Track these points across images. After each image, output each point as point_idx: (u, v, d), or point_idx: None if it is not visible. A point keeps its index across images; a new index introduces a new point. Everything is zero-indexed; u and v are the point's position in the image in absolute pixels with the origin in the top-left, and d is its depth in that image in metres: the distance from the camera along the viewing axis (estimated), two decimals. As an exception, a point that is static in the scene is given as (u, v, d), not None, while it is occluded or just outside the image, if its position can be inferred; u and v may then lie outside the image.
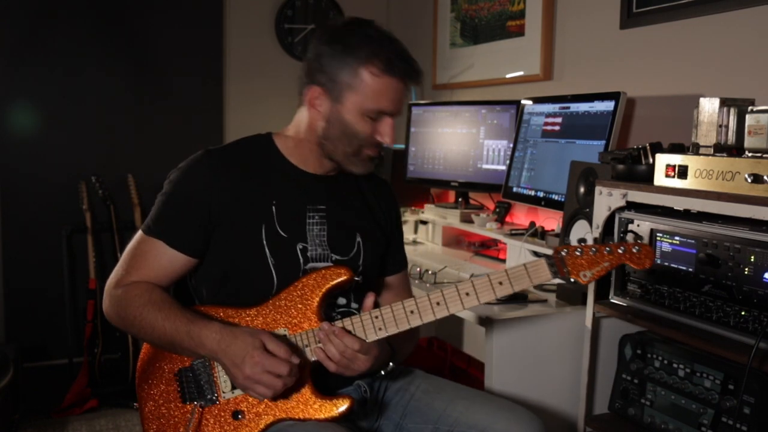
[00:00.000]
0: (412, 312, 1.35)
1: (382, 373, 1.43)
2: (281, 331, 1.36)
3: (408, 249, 1.86)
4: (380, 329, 1.35)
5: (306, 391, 1.34)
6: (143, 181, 3.36)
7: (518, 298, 1.92)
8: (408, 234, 3.02)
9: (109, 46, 3.38)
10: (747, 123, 1.39)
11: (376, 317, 1.35)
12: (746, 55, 1.89)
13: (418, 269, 2.23)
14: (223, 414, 1.36)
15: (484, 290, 1.35)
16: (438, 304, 1.34)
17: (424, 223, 3.01)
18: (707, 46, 2.00)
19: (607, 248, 1.35)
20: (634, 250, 1.35)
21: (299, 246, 1.44)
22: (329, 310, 1.45)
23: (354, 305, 1.50)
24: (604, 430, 1.69)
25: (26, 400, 2.92)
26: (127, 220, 3.34)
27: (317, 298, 1.37)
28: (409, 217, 3.08)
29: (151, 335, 1.36)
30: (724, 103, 1.45)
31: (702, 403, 1.47)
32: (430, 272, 2.19)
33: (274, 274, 1.41)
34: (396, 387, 1.54)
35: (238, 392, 1.35)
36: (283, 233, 1.43)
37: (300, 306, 1.37)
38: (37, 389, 3.12)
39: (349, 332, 1.34)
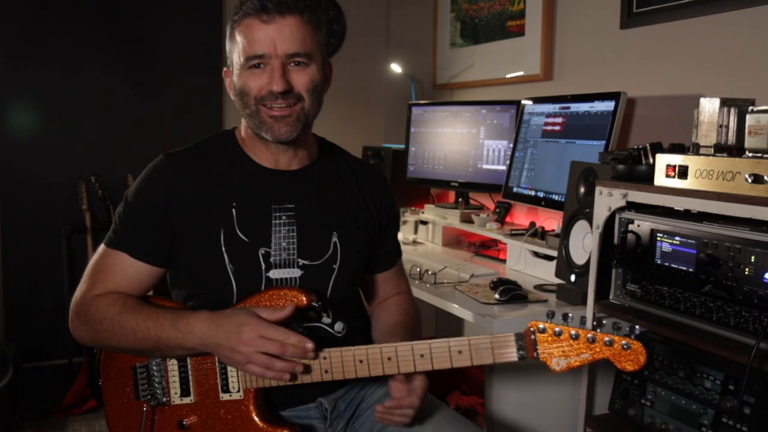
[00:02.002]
0: (360, 362, 1.26)
1: None
2: None
3: (408, 249, 1.86)
4: (326, 372, 1.27)
5: (251, 416, 1.31)
6: (143, 181, 3.36)
7: (518, 298, 1.92)
8: (408, 234, 3.01)
9: (109, 45, 3.38)
10: (747, 123, 1.39)
11: (324, 358, 1.27)
12: (746, 55, 1.89)
13: (419, 269, 2.23)
14: (172, 419, 1.35)
15: (441, 357, 1.23)
16: (389, 359, 1.26)
17: (424, 223, 3.00)
18: (707, 46, 2.00)
19: (591, 336, 1.14)
20: (623, 346, 1.13)
21: (261, 251, 1.35)
22: (298, 321, 1.36)
23: (325, 319, 1.39)
24: (604, 431, 1.69)
25: (26, 400, 2.92)
26: (126, 220, 3.34)
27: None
28: (409, 217, 3.07)
29: (133, 341, 1.29)
30: (725, 103, 1.45)
31: (702, 403, 1.47)
32: (430, 272, 2.19)
33: (233, 282, 1.34)
34: (374, 400, 1.44)
35: (187, 399, 1.34)
36: (244, 237, 1.34)
37: None
38: (37, 389, 3.12)
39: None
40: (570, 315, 1.16)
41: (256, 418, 1.31)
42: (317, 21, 1.34)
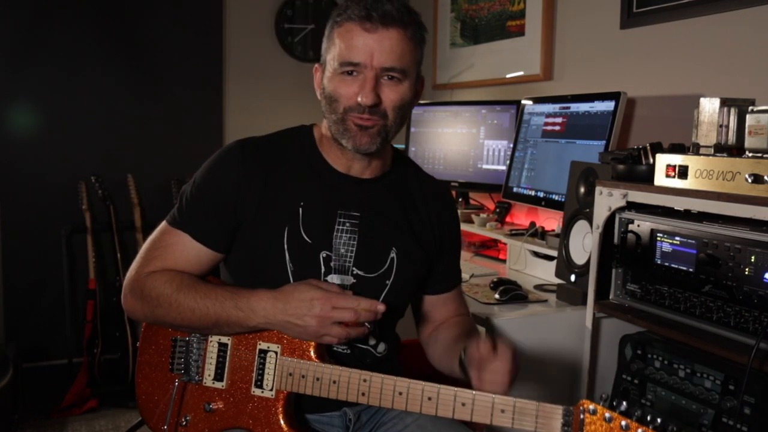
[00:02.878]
0: (400, 394, 1.21)
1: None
2: (274, 347, 1.30)
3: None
4: (363, 395, 1.24)
5: (277, 417, 1.30)
6: (143, 181, 3.36)
7: (518, 298, 1.92)
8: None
9: (110, 46, 3.38)
10: (747, 123, 1.39)
11: (364, 380, 1.24)
12: (746, 55, 1.89)
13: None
14: (199, 399, 1.35)
15: (482, 411, 1.17)
16: (429, 399, 1.20)
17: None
18: (707, 46, 2.00)
19: (642, 431, 1.06)
20: None
21: (323, 254, 1.33)
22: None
23: (371, 340, 1.39)
24: (604, 431, 1.69)
25: (26, 400, 2.92)
26: (126, 220, 3.34)
27: None
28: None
29: (190, 319, 1.28)
30: (725, 103, 1.45)
31: (702, 403, 1.47)
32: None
33: (291, 281, 1.31)
34: (392, 414, 1.42)
35: (218, 384, 1.34)
36: (307, 238, 1.33)
37: None
38: (37, 389, 3.12)
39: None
40: (624, 403, 1.09)
41: (281, 421, 1.30)
42: (420, 37, 1.31)
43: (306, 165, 1.38)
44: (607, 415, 1.06)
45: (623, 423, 1.05)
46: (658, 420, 1.03)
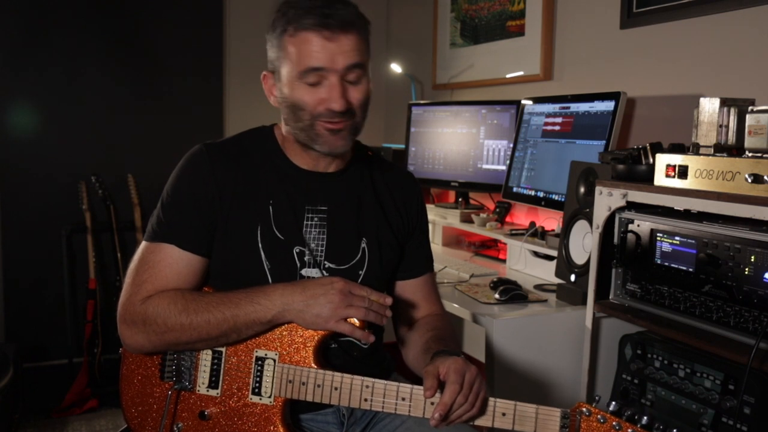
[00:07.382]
0: (403, 399, 1.23)
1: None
2: (272, 354, 1.30)
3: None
4: (366, 400, 1.25)
5: (275, 423, 1.29)
6: (143, 181, 3.36)
7: (518, 298, 1.92)
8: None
9: (110, 45, 3.39)
10: (747, 123, 1.39)
11: (367, 387, 1.25)
12: (746, 55, 1.89)
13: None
14: (193, 408, 1.33)
15: (484, 415, 1.23)
16: (433, 404, 1.21)
17: (424, 223, 3.00)
18: (707, 46, 2.00)
19: (631, 431, 1.15)
20: None
21: (296, 249, 1.35)
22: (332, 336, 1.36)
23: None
24: (604, 430, 1.69)
25: (26, 400, 2.92)
26: (127, 220, 3.34)
27: (318, 338, 1.30)
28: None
29: (207, 330, 1.25)
30: (724, 103, 1.45)
31: (702, 403, 1.47)
32: (430, 272, 2.19)
33: (269, 279, 1.32)
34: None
35: (213, 391, 1.32)
36: (280, 235, 1.34)
37: (299, 338, 1.30)
38: (37, 389, 3.12)
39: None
40: (614, 403, 1.18)
41: (279, 427, 1.29)
42: (369, 33, 1.34)
43: (270, 165, 1.39)
44: (600, 416, 1.16)
45: (614, 423, 1.15)
46: (645, 419, 1.13)
